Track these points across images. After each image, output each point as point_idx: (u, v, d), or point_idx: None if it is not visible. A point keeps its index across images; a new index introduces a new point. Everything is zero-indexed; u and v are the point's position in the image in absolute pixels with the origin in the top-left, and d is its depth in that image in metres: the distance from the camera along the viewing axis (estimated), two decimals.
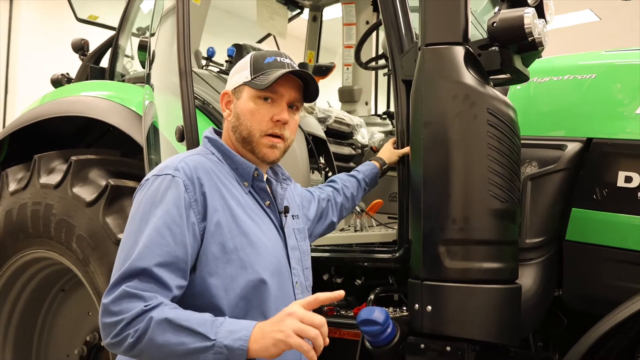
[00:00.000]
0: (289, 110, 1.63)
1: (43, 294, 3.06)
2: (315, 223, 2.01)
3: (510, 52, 1.83)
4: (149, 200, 1.47)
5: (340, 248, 2.40)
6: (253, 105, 1.60)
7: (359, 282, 2.42)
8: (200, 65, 3.07)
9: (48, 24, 7.12)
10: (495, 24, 1.77)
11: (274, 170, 1.74)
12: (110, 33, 3.59)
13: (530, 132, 2.09)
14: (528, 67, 1.99)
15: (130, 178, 2.64)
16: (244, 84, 1.62)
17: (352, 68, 3.91)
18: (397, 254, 2.11)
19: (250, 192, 1.62)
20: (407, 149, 2.06)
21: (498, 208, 1.75)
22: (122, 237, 1.49)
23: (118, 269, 1.41)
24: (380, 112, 3.84)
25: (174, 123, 2.27)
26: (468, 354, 1.73)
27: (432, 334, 1.79)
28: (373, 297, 2.16)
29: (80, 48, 3.59)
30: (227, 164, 1.62)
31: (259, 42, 4.19)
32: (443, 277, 1.77)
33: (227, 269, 1.48)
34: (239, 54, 3.09)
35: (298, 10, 4.10)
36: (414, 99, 1.86)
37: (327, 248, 2.36)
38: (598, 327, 1.70)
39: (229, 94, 1.67)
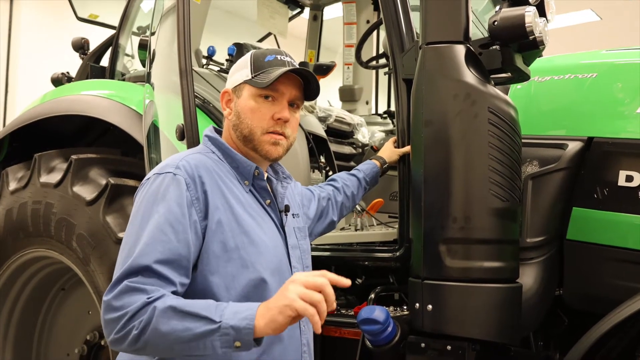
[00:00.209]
0: (290, 109, 1.63)
1: (43, 293, 3.06)
2: (316, 222, 2.01)
3: (511, 51, 1.83)
4: (151, 198, 1.47)
5: (341, 247, 2.40)
6: (254, 104, 1.60)
7: (360, 281, 2.42)
8: (201, 64, 3.07)
9: (48, 23, 7.12)
10: (497, 23, 1.77)
11: (274, 169, 1.74)
12: (111, 32, 3.59)
13: (531, 131, 2.09)
14: (529, 66, 1.99)
15: (131, 177, 2.64)
16: (245, 83, 1.62)
17: (352, 67, 3.91)
18: (397, 253, 2.10)
19: (251, 190, 1.62)
20: (407, 148, 2.06)
21: (499, 207, 1.75)
22: (123, 235, 1.49)
23: (120, 267, 1.40)
24: (381, 111, 3.84)
25: (175, 122, 2.27)
26: (468, 353, 1.73)
27: (432, 333, 1.79)
28: (374, 296, 2.16)
29: (81, 47, 3.59)
30: (227, 163, 1.62)
31: (260, 41, 4.19)
32: (444, 276, 1.77)
33: (228, 268, 1.48)
34: (240, 53, 3.09)
35: (298, 10, 4.09)
36: (415, 98, 1.86)
37: (327, 247, 2.35)
38: (599, 326, 1.70)
39: (229, 93, 1.66)
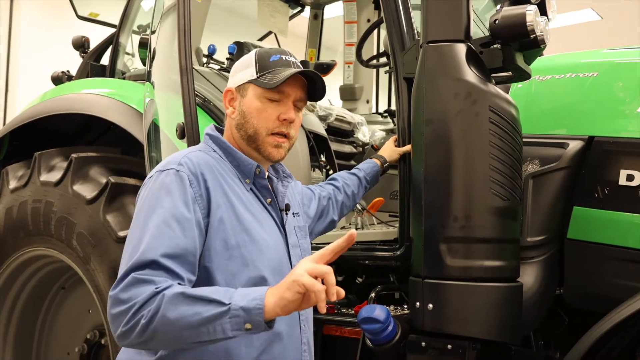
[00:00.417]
0: (294, 109, 1.63)
1: (43, 292, 3.06)
2: (316, 221, 2.01)
3: (512, 49, 1.83)
4: (155, 194, 1.46)
5: None
6: (260, 104, 1.60)
7: (360, 280, 2.41)
8: (201, 63, 3.07)
9: (48, 21, 7.12)
10: (498, 21, 1.77)
11: (275, 168, 1.74)
12: (111, 30, 3.58)
13: (532, 130, 2.09)
14: (530, 65, 1.99)
15: (131, 176, 2.64)
16: (250, 82, 1.61)
17: (353, 66, 3.91)
18: (398, 252, 2.10)
19: (252, 189, 1.62)
20: (408, 147, 2.06)
21: (499, 206, 1.75)
22: (123, 234, 1.48)
23: (126, 262, 1.38)
24: (382, 110, 3.84)
25: (175, 120, 2.27)
26: (469, 352, 1.73)
27: (433, 332, 1.78)
28: (374, 295, 2.16)
29: (81, 45, 3.59)
30: (228, 161, 1.62)
31: (260, 39, 4.19)
32: (444, 275, 1.77)
33: (229, 266, 1.48)
34: (240, 52, 3.09)
35: (299, 8, 4.09)
36: (416, 97, 1.85)
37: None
38: (599, 325, 1.70)
39: (233, 92, 1.65)
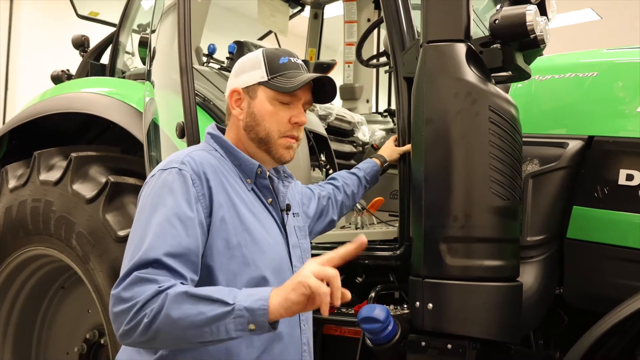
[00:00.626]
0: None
1: (43, 292, 3.06)
2: (315, 221, 2.01)
3: (512, 49, 1.83)
4: (158, 193, 1.45)
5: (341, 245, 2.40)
6: (272, 107, 1.60)
7: (360, 279, 2.41)
8: (201, 62, 3.07)
9: (48, 20, 7.12)
10: (497, 21, 1.77)
11: (276, 168, 1.74)
12: (111, 30, 3.58)
13: (532, 129, 2.09)
14: (530, 64, 1.99)
15: (131, 175, 2.64)
16: (260, 84, 1.61)
17: (353, 65, 3.91)
18: (398, 252, 2.10)
19: (253, 189, 1.62)
20: (408, 147, 2.06)
21: (499, 206, 1.75)
22: (123, 234, 1.48)
23: (128, 261, 1.37)
24: (382, 109, 3.84)
25: (175, 120, 2.27)
26: (469, 352, 1.73)
27: (433, 332, 1.78)
28: (374, 294, 2.16)
29: (81, 44, 3.59)
30: (230, 161, 1.61)
31: (260, 39, 4.19)
32: (444, 274, 1.77)
33: (230, 265, 1.48)
34: (240, 51, 3.09)
35: (299, 8, 4.09)
36: (416, 97, 1.85)
37: (328, 245, 2.35)
38: (599, 325, 1.70)
39: (240, 92, 1.63)
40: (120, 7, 3.46)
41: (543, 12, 1.84)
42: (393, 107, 3.65)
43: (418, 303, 1.79)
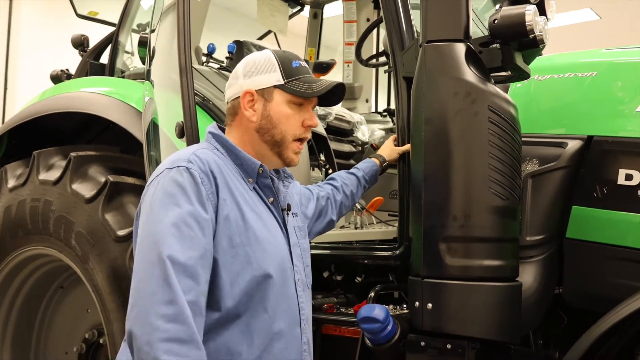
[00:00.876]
0: None
1: (42, 291, 3.05)
2: (314, 221, 2.01)
3: (512, 49, 1.83)
4: (168, 192, 1.44)
5: (341, 245, 2.40)
6: (289, 110, 1.63)
7: (359, 279, 2.42)
8: (201, 62, 3.07)
9: (48, 20, 7.11)
10: (497, 21, 1.77)
11: (276, 169, 1.74)
12: (110, 29, 3.58)
13: (531, 129, 2.09)
14: (529, 64, 1.99)
15: (130, 174, 2.63)
16: (276, 87, 1.62)
17: (352, 65, 3.90)
18: (397, 252, 2.10)
19: (255, 188, 1.62)
20: (407, 146, 2.06)
21: (499, 205, 1.75)
22: (122, 233, 1.47)
23: (145, 263, 1.38)
24: (381, 109, 3.84)
25: (174, 119, 2.26)
26: (468, 352, 1.73)
27: (432, 332, 1.79)
28: (373, 294, 2.16)
29: (80, 44, 3.58)
30: (231, 160, 1.61)
31: (260, 38, 4.18)
32: (444, 274, 1.77)
33: (233, 264, 1.48)
34: (240, 51, 3.08)
35: (299, 8, 4.09)
36: (415, 96, 1.85)
37: (327, 245, 2.35)
38: (598, 325, 1.70)
39: (254, 94, 1.63)
40: (120, 6, 3.46)
41: (542, 12, 1.84)
42: (392, 106, 3.65)
43: (417, 303, 1.79)
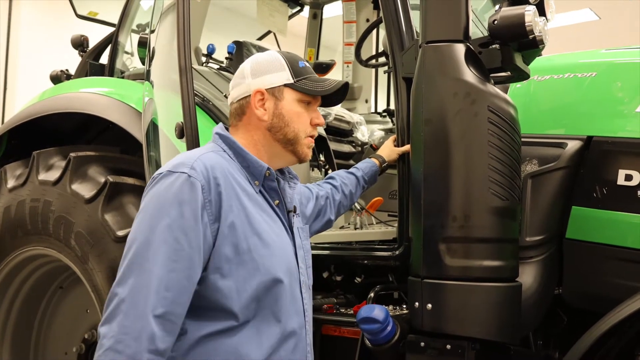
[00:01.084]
0: None
1: (41, 292, 3.05)
2: (313, 220, 2.00)
3: (511, 49, 1.83)
4: (162, 199, 1.44)
5: (340, 246, 2.40)
6: (300, 109, 1.65)
7: (359, 280, 2.42)
8: (200, 62, 3.07)
9: (47, 20, 7.11)
10: (496, 22, 1.77)
11: (281, 169, 1.73)
12: (110, 29, 3.58)
13: (531, 130, 2.09)
14: (528, 65, 1.99)
15: (130, 175, 2.63)
16: (286, 86, 1.63)
17: (352, 65, 3.90)
18: (397, 252, 2.10)
19: (261, 191, 1.61)
20: (407, 147, 2.05)
21: (498, 206, 1.75)
22: (122, 234, 1.47)
23: (127, 267, 1.39)
24: (380, 109, 3.84)
25: (174, 120, 2.26)
26: (468, 352, 1.73)
27: (432, 332, 1.79)
28: (373, 295, 2.16)
29: (80, 44, 3.58)
30: (238, 162, 1.59)
31: (259, 39, 4.18)
32: (443, 275, 1.77)
33: (240, 271, 1.46)
34: (239, 51, 3.08)
35: (298, 8, 4.09)
36: (415, 97, 1.85)
37: (326, 246, 2.35)
38: (598, 325, 1.70)
39: (264, 93, 1.63)
40: (120, 7, 3.46)
41: (542, 12, 1.84)
42: (392, 107, 3.65)
43: (417, 303, 1.79)
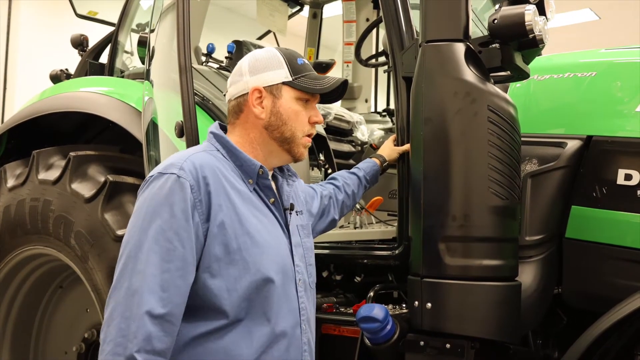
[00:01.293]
0: None
1: (41, 291, 3.05)
2: (317, 220, 2.00)
3: (511, 49, 1.83)
4: (153, 201, 1.44)
5: (340, 245, 2.40)
6: (298, 107, 1.63)
7: (359, 279, 2.42)
8: (200, 62, 3.07)
9: (47, 20, 7.11)
10: (496, 21, 1.77)
11: (280, 167, 1.73)
12: (110, 29, 3.58)
13: (531, 129, 2.09)
14: (528, 64, 1.99)
15: (129, 174, 2.63)
16: (284, 84, 1.62)
17: (352, 65, 3.90)
18: (396, 251, 2.10)
19: (255, 189, 1.60)
20: (407, 147, 2.06)
21: (498, 205, 1.75)
22: (121, 233, 1.47)
23: (122, 272, 1.40)
24: (380, 109, 3.84)
25: (174, 119, 2.26)
26: (468, 352, 1.73)
27: (431, 331, 1.79)
28: (372, 294, 2.16)
29: (80, 44, 3.58)
30: (231, 161, 1.59)
31: (259, 38, 4.18)
32: (443, 274, 1.77)
33: (230, 270, 1.46)
34: (239, 51, 3.08)
35: (298, 7, 4.09)
36: (415, 96, 1.86)
37: (326, 245, 2.35)
38: (597, 325, 1.70)
39: (262, 90, 1.62)
40: (119, 6, 3.46)
41: (542, 11, 1.84)
42: (392, 106, 3.65)
43: (417, 302, 1.80)
